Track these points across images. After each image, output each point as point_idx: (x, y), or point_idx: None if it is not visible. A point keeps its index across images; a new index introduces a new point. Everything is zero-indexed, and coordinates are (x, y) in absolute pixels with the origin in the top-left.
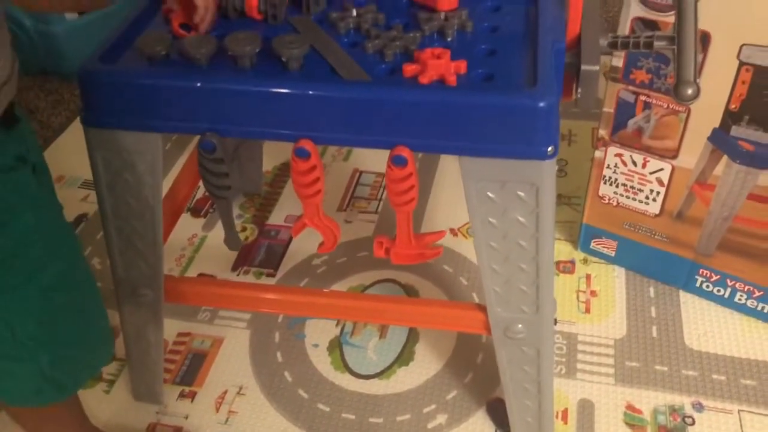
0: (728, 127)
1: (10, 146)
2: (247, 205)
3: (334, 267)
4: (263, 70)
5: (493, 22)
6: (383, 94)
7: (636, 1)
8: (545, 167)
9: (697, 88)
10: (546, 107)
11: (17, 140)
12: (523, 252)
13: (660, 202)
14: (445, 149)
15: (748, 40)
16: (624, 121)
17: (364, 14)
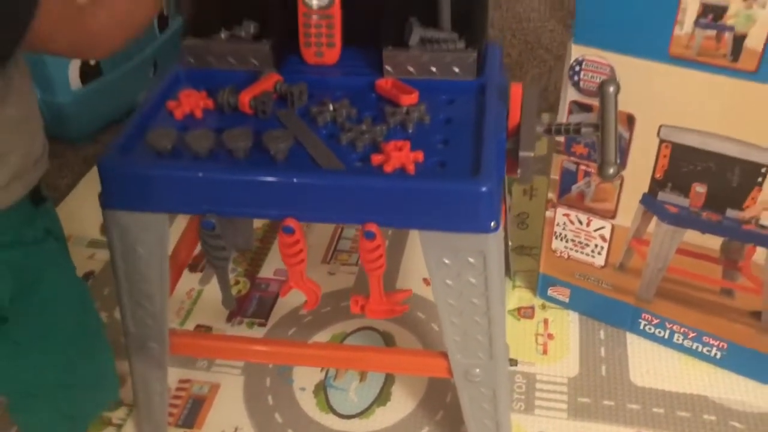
0: (655, 192)
1: (38, 221)
2: (239, 260)
3: (319, 316)
4: (255, 161)
5: (447, 114)
6: (354, 181)
7: (572, 88)
8: (490, 239)
9: (617, 168)
10: (487, 191)
11: (44, 215)
12: (476, 308)
13: (604, 255)
14: (407, 225)
15: (665, 121)
16: (568, 186)
17: (339, 109)
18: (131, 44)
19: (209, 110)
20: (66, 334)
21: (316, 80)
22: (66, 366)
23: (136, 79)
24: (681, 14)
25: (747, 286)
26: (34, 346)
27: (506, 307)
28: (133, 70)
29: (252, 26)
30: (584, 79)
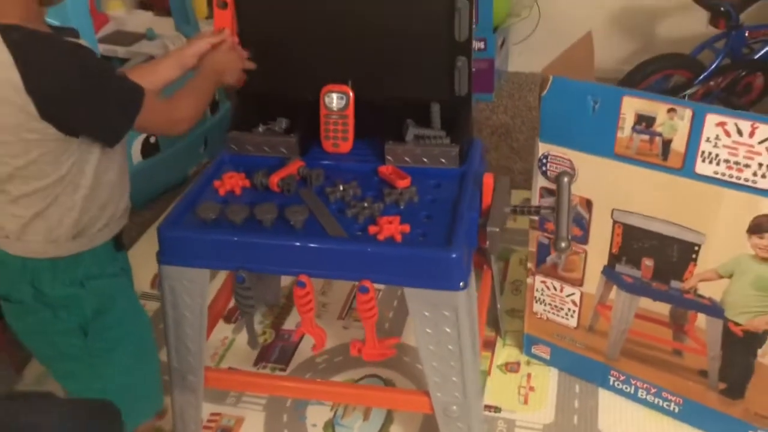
0: (613, 265)
1: (117, 261)
2: (267, 314)
3: (332, 364)
4: (278, 229)
5: (433, 195)
6: (353, 247)
7: (541, 177)
8: (460, 295)
9: (569, 243)
10: (457, 257)
11: (121, 257)
12: (451, 353)
13: (576, 318)
14: (394, 283)
15: (617, 206)
16: (543, 258)
17: (347, 189)
18: None
19: (246, 188)
20: (129, 349)
21: (332, 165)
22: (126, 374)
23: (188, 155)
24: (621, 122)
25: (693, 348)
26: (105, 357)
27: (495, 362)
28: (187, 146)
29: (284, 122)
30: (550, 170)
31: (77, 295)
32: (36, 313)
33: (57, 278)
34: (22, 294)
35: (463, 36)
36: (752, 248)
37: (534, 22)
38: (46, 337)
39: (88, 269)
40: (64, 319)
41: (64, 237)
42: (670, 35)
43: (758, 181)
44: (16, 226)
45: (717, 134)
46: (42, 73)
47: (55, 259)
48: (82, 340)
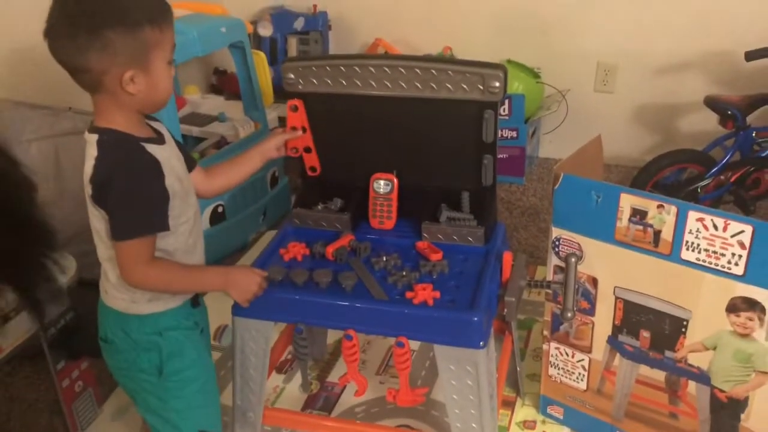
0: (616, 335)
1: (192, 316)
2: (314, 367)
3: (370, 414)
4: (332, 291)
5: (461, 268)
6: (393, 308)
7: (554, 256)
8: (480, 353)
9: (574, 313)
10: (478, 321)
11: (197, 314)
12: (471, 402)
13: (585, 381)
14: (425, 340)
15: (618, 284)
16: (557, 326)
17: (389, 260)
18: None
19: (306, 256)
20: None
21: (378, 240)
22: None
23: (249, 224)
24: (620, 213)
25: (686, 411)
26: (175, 394)
27: (514, 419)
28: (248, 216)
29: (339, 202)
30: (562, 251)
31: (156, 342)
32: (125, 352)
33: (142, 327)
34: (116, 337)
35: (489, 138)
36: (731, 325)
37: (563, 114)
38: (130, 373)
39: (166, 322)
40: (145, 359)
41: (141, 300)
42: (687, 130)
43: (732, 268)
44: (109, 285)
45: (698, 227)
46: (101, 169)
47: (140, 314)
48: (157, 378)
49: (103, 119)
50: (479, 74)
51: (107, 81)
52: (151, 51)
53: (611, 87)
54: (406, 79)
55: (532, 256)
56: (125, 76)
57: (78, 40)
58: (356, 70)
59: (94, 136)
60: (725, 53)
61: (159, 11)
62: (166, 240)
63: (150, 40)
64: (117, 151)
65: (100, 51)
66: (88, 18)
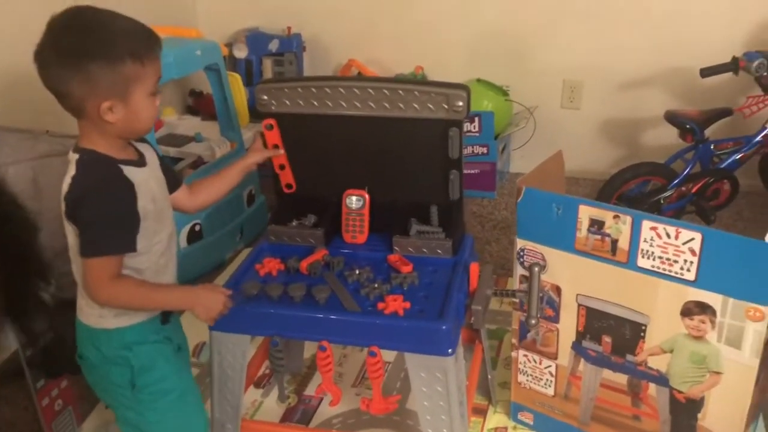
0: (580, 341)
1: (163, 331)
2: (291, 381)
3: (347, 425)
4: (307, 303)
5: (431, 279)
6: (365, 319)
7: (519, 266)
8: (449, 360)
9: (538, 320)
10: (447, 329)
11: (169, 328)
12: (441, 408)
13: (553, 387)
14: (397, 348)
15: (580, 291)
16: (524, 334)
17: (362, 273)
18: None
19: (281, 270)
20: (171, 402)
21: (350, 254)
22: (170, 423)
23: (226, 242)
24: (579, 224)
25: (648, 413)
26: (150, 407)
27: (486, 426)
28: (225, 235)
29: (313, 218)
30: (526, 261)
31: (125, 356)
32: (98, 367)
33: (110, 342)
34: (89, 352)
35: (455, 155)
36: (686, 328)
37: (531, 130)
38: (105, 387)
39: (133, 337)
40: (116, 373)
41: (108, 314)
42: (650, 144)
43: (685, 274)
44: (83, 302)
45: (652, 236)
46: (76, 187)
47: (107, 329)
48: (130, 392)
49: (86, 141)
50: (444, 94)
51: (87, 108)
52: (131, 84)
53: (577, 103)
54: (375, 100)
55: (503, 268)
56: (103, 106)
57: (61, 69)
58: (327, 92)
59: (75, 156)
60: (683, 70)
61: (145, 45)
62: (137, 259)
63: (130, 73)
64: (93, 171)
65: (81, 81)
66: (73, 49)
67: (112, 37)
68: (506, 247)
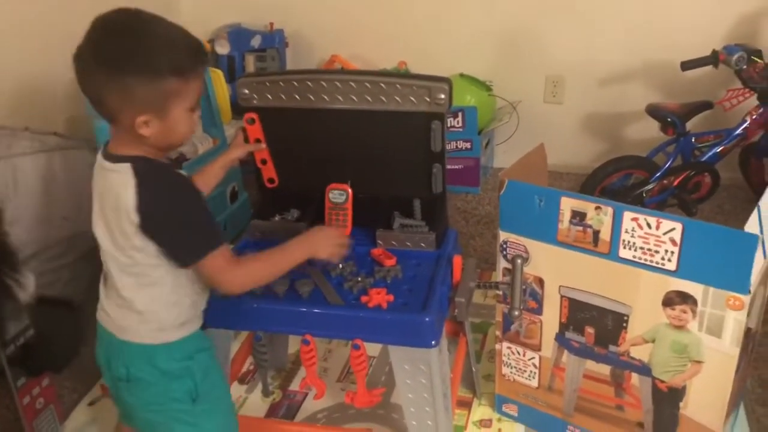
0: (563, 332)
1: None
2: (276, 377)
3: (332, 419)
4: (289, 298)
5: (414, 272)
6: (348, 312)
7: (503, 259)
8: (432, 352)
9: (521, 312)
10: (430, 321)
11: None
12: (425, 400)
13: (537, 378)
14: (380, 341)
15: (563, 283)
16: (508, 326)
17: (345, 267)
18: None
19: None
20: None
21: None
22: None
23: None
24: (561, 216)
25: (631, 403)
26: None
27: (471, 419)
28: None
29: (296, 213)
30: (509, 253)
31: (188, 367)
32: (154, 386)
33: (171, 355)
34: (142, 372)
35: (437, 148)
36: (667, 318)
37: (514, 125)
38: (160, 406)
39: (194, 345)
40: (176, 388)
41: (170, 327)
42: (632, 137)
43: (666, 264)
44: (132, 319)
45: (633, 227)
46: (150, 198)
47: (168, 342)
48: (189, 405)
49: (125, 147)
50: (426, 87)
51: (122, 119)
52: (171, 100)
53: (560, 98)
54: (356, 93)
55: (487, 263)
56: (138, 120)
57: (99, 77)
58: (309, 85)
59: (125, 165)
60: (665, 63)
61: (190, 59)
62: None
63: (171, 89)
64: (159, 177)
65: (118, 93)
66: (113, 58)
67: (156, 49)
68: (490, 241)
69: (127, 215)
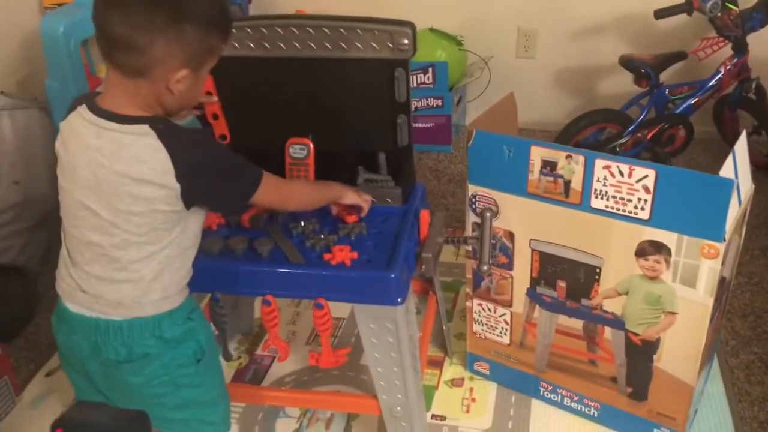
0: (534, 287)
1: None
2: (243, 341)
3: (300, 383)
4: (248, 257)
5: (379, 229)
6: (310, 270)
7: (471, 213)
8: (398, 310)
9: (489, 266)
10: (395, 278)
11: None
12: (393, 360)
13: (509, 335)
14: (345, 300)
15: (533, 236)
16: (479, 283)
17: (307, 225)
18: None
19: (221, 225)
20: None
21: None
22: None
23: None
24: (531, 166)
25: (604, 357)
26: (207, 374)
27: (443, 378)
28: None
29: None
30: (478, 207)
31: (191, 328)
32: (160, 358)
33: (175, 320)
34: (146, 348)
35: (402, 98)
36: (640, 269)
37: (486, 81)
38: (167, 376)
39: (190, 305)
40: (182, 352)
41: (174, 292)
42: (606, 91)
43: (639, 213)
44: (134, 293)
45: (605, 175)
46: (183, 159)
47: (171, 310)
48: (194, 367)
49: (132, 107)
50: (388, 32)
51: (158, 72)
52: (208, 56)
53: (532, 53)
54: (315, 39)
55: (459, 221)
56: (178, 74)
57: (153, 21)
58: (264, 32)
59: (143, 127)
60: (637, 14)
61: (228, 22)
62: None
63: (213, 45)
64: (185, 137)
65: (170, 40)
66: (173, 3)
67: (209, 5)
68: (462, 200)
69: (161, 183)
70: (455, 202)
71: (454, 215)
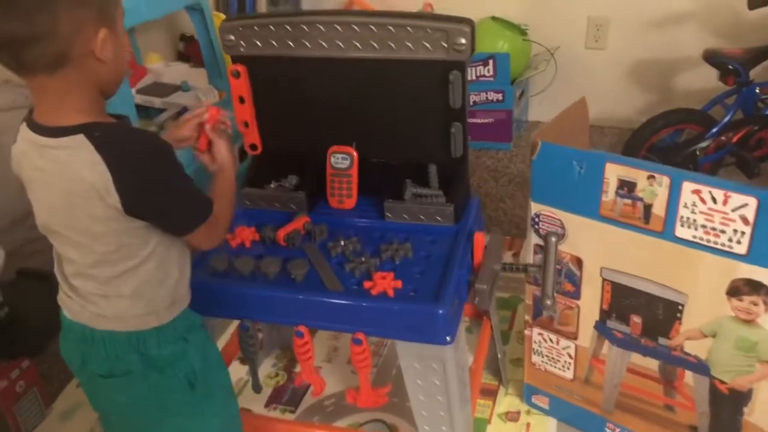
0: (604, 320)
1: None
2: (282, 357)
3: (340, 408)
4: (281, 281)
5: (428, 251)
6: (349, 300)
7: (534, 235)
8: (447, 349)
9: (554, 301)
10: (444, 313)
11: None
12: (439, 404)
13: (572, 370)
14: (386, 335)
15: (605, 264)
16: (539, 311)
17: (347, 244)
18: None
19: (255, 241)
20: (221, 393)
21: (336, 221)
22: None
23: None
24: (605, 186)
25: (683, 403)
26: (205, 404)
27: (496, 410)
28: None
29: (294, 179)
30: (542, 228)
31: (183, 350)
32: (144, 378)
33: (165, 338)
34: (128, 364)
35: (457, 104)
36: (732, 310)
37: (552, 74)
38: (154, 399)
39: (185, 323)
40: (171, 375)
41: (161, 307)
42: (685, 88)
43: (734, 247)
44: (115, 307)
45: (694, 201)
46: (126, 171)
47: (159, 326)
48: (187, 394)
49: (64, 112)
50: (442, 30)
51: (79, 46)
52: (113, 6)
53: (603, 43)
54: (360, 38)
55: (518, 228)
56: (100, 35)
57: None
58: (304, 29)
59: (77, 138)
60: (725, 3)
61: None
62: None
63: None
64: (124, 144)
65: (71, 6)
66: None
67: None
68: (522, 204)
69: (102, 199)
70: (514, 206)
71: (513, 221)
